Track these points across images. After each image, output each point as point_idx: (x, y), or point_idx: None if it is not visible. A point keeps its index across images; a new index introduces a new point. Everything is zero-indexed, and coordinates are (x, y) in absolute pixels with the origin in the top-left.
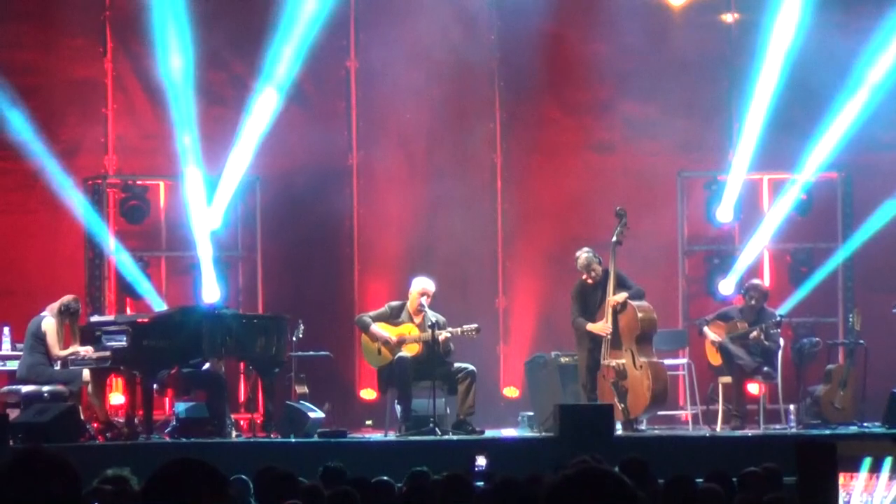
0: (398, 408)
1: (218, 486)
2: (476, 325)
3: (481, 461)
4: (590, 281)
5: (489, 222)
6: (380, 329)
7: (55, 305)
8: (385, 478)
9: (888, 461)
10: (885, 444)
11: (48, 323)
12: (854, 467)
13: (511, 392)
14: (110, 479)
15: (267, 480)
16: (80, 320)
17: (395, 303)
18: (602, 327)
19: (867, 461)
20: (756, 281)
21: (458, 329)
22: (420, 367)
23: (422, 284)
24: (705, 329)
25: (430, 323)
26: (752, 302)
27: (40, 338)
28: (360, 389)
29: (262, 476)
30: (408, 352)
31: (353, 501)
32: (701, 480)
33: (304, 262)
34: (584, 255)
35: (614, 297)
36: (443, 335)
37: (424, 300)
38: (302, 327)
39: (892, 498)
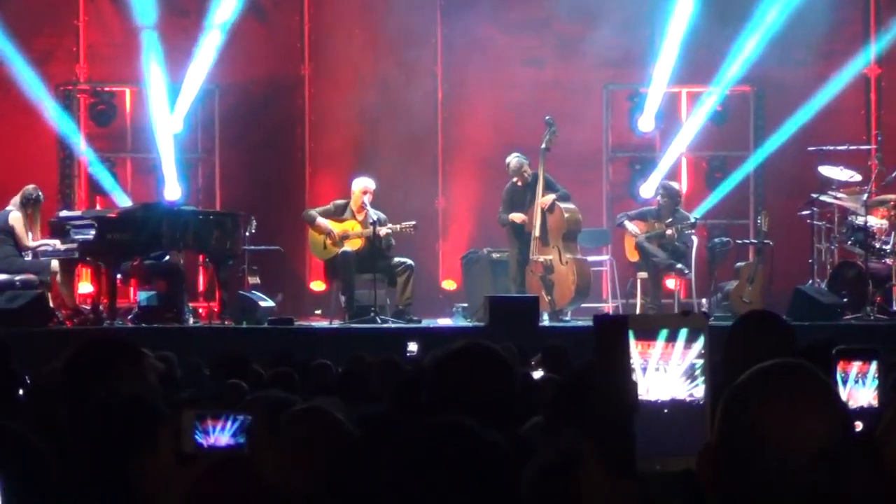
0: (342, 298)
1: (133, 358)
2: (413, 223)
3: (412, 347)
4: (520, 183)
5: (430, 129)
6: (324, 221)
7: (16, 198)
8: (324, 360)
9: (683, 332)
10: (678, 317)
11: (14, 217)
12: (651, 337)
13: (449, 285)
14: (161, 358)
15: (220, 361)
16: (49, 212)
17: (339, 201)
18: (521, 216)
19: (663, 332)
20: (667, 181)
21: (398, 226)
22: (363, 261)
23: (363, 183)
24: (625, 222)
25: (371, 220)
26: (662, 200)
27: (8, 231)
28: (310, 281)
29: (216, 358)
30: (351, 247)
31: (293, 381)
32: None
33: (259, 165)
34: (514, 159)
35: (543, 199)
36: (383, 230)
37: (367, 198)
38: (254, 223)
39: (686, 365)
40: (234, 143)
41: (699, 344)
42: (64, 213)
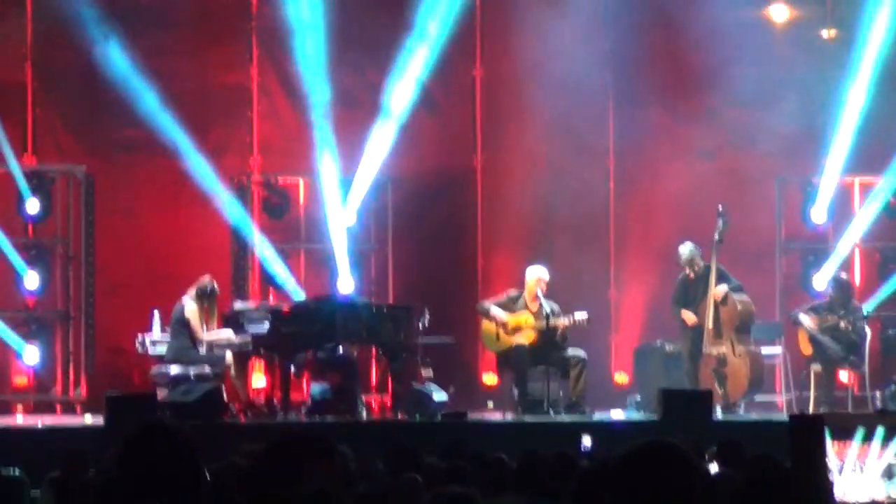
0: (515, 391)
1: (326, 452)
2: (586, 315)
3: (587, 441)
4: (691, 275)
5: (603, 219)
6: (498, 311)
7: (192, 290)
8: (500, 454)
9: (880, 431)
10: (874, 416)
11: (190, 309)
12: (848, 436)
13: (621, 378)
14: (245, 454)
15: (393, 454)
16: (222, 304)
17: (513, 292)
18: (691, 317)
19: (860, 432)
20: (838, 274)
21: (571, 318)
22: (536, 354)
23: (537, 273)
24: (800, 316)
25: (545, 311)
26: (833, 293)
27: (184, 323)
28: (482, 374)
29: (390, 451)
30: (524, 339)
31: (467, 475)
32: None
33: (431, 256)
34: (687, 249)
35: (716, 291)
36: (559, 323)
37: (541, 288)
38: (428, 316)
39: (884, 465)
40: (406, 235)
41: None
42: (238, 306)
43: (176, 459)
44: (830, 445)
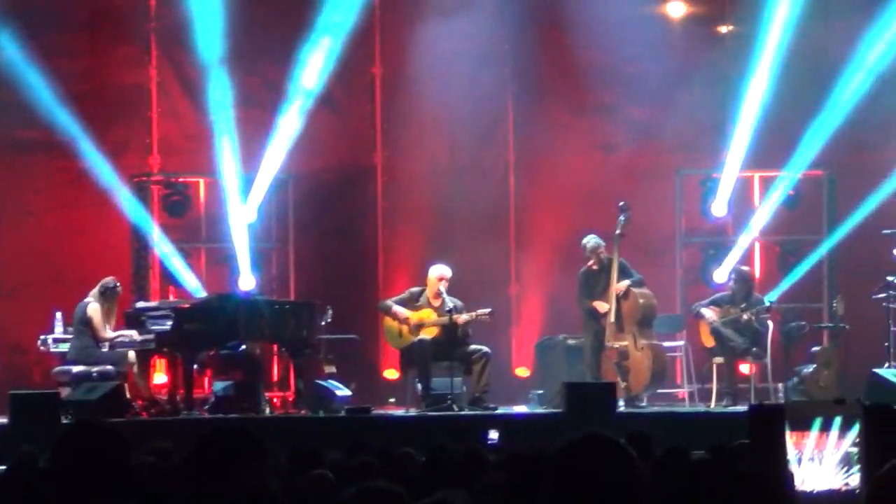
0: (418, 386)
1: (256, 446)
2: (489, 310)
3: (494, 435)
4: (595, 266)
5: (503, 216)
6: (400, 309)
7: (95, 290)
8: (407, 449)
9: (837, 420)
10: (831, 405)
11: (93, 308)
12: (805, 427)
13: (522, 372)
14: (153, 451)
15: (297, 451)
16: (124, 304)
17: (415, 289)
18: (601, 305)
19: (817, 421)
20: (740, 266)
21: (473, 314)
22: (438, 349)
23: (439, 271)
24: (702, 309)
25: (447, 308)
26: (735, 285)
27: (87, 322)
28: (383, 369)
29: (294, 448)
30: (427, 335)
31: (375, 471)
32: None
33: (333, 253)
34: (591, 240)
35: (618, 285)
36: (462, 318)
37: (443, 286)
38: (330, 312)
39: (841, 454)
40: (307, 232)
41: (853, 432)
42: (140, 305)
43: (109, 456)
44: (789, 436)
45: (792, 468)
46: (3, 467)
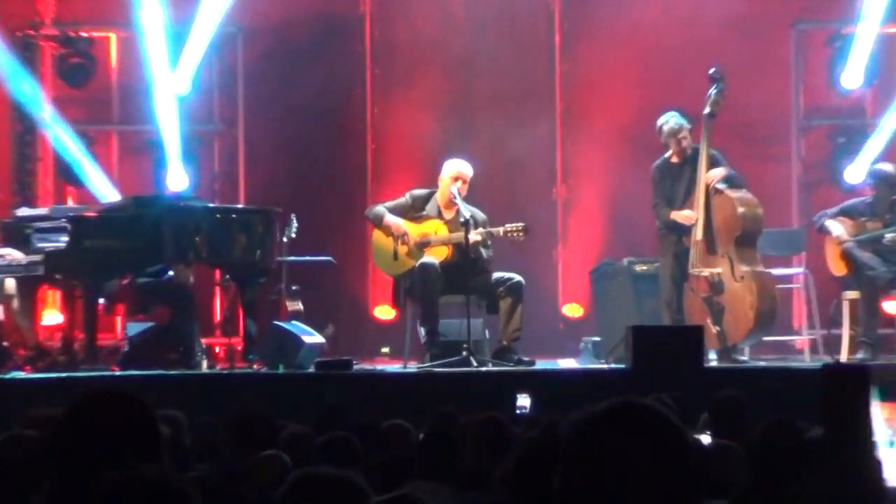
0: (421, 330)
1: (148, 424)
2: (522, 224)
3: (525, 402)
4: (675, 158)
5: (545, 88)
6: (396, 220)
7: None
8: (399, 421)
9: None
10: None
11: None
12: None
13: (572, 311)
14: (36, 421)
15: (240, 425)
16: (1, 211)
17: (419, 191)
18: (688, 215)
19: None
20: (883, 165)
21: (500, 229)
22: (451, 278)
23: (456, 167)
24: (828, 222)
25: (463, 219)
26: (874, 187)
27: None
28: (372, 307)
29: (235, 419)
30: (434, 256)
31: (352, 451)
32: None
33: (300, 142)
34: (671, 121)
35: (709, 175)
36: (477, 234)
37: (457, 188)
38: (295, 224)
39: None
40: (263, 109)
41: None
42: (24, 212)
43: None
44: (878, 408)
45: (882, 453)
46: None
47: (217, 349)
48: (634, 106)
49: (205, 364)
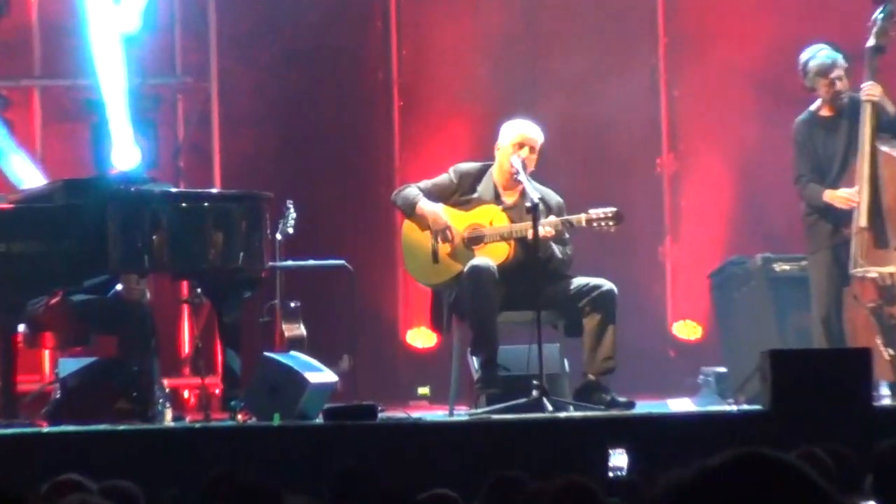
0: (473, 361)
1: None
2: (613, 210)
3: (621, 460)
4: (827, 111)
5: (642, 16)
6: (433, 207)
7: None
8: (444, 491)
9: None
10: None
11: None
12: None
13: (686, 331)
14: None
15: (222, 501)
16: None
17: (466, 165)
18: (847, 196)
19: None
20: None
21: (581, 216)
22: (514, 287)
23: (519, 130)
24: None
25: (530, 203)
26: None
27: None
28: (404, 330)
29: (214, 493)
30: (490, 257)
31: None
32: None
33: (298, 97)
34: (819, 54)
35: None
36: (556, 226)
37: (523, 159)
38: (293, 215)
39: None
40: (246, 55)
41: None
42: None
43: None
44: None
45: None
46: None
47: (186, 394)
48: (767, 37)
49: (169, 415)
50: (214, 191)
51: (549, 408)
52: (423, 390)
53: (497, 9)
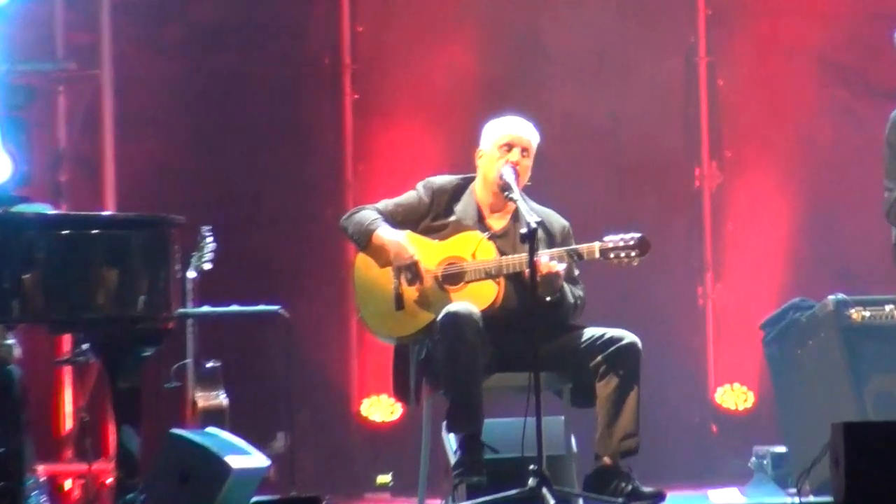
0: (450, 439)
1: None
2: (637, 237)
3: None
4: None
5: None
6: (395, 236)
7: None
8: None
9: None
10: None
11: None
12: None
13: (732, 398)
14: None
15: None
16: None
17: (439, 179)
18: None
19: None
20: None
21: (594, 246)
22: (504, 341)
23: (506, 128)
24: None
25: (526, 228)
26: None
27: None
28: (358, 399)
29: None
30: (473, 300)
31: None
32: None
33: (219, 89)
34: None
35: None
36: (545, 260)
37: (514, 168)
38: (211, 245)
39: None
40: (150, 35)
41: None
42: None
43: None
44: None
45: None
46: None
47: (68, 484)
48: (841, 9)
49: None
50: (106, 214)
51: (551, 501)
52: (383, 478)
53: None
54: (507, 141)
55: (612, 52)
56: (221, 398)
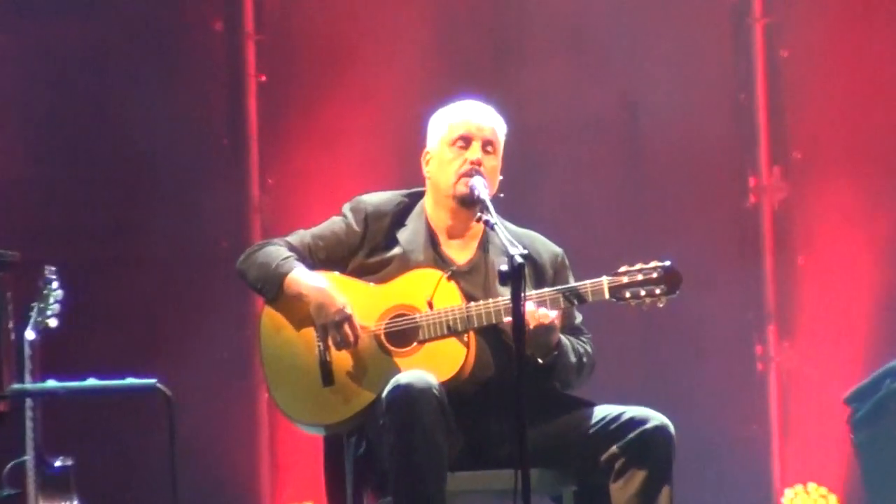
0: None
1: None
2: (664, 266)
3: None
4: None
5: None
6: (319, 283)
7: None
8: None
9: None
10: None
11: None
12: None
13: (808, 502)
14: None
15: None
16: None
17: (374, 197)
18: None
19: None
20: None
21: (603, 283)
22: (478, 421)
23: (456, 115)
24: None
25: (508, 261)
26: None
27: None
28: (278, 497)
29: None
30: (432, 367)
31: None
32: None
33: (74, 72)
34: None
35: None
36: (530, 307)
37: (481, 179)
38: (57, 292)
39: None
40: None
41: None
42: None
43: None
44: None
45: None
46: None
47: None
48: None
49: None
50: None
51: None
52: None
53: None
54: (461, 133)
55: (627, 12)
56: (73, 499)
